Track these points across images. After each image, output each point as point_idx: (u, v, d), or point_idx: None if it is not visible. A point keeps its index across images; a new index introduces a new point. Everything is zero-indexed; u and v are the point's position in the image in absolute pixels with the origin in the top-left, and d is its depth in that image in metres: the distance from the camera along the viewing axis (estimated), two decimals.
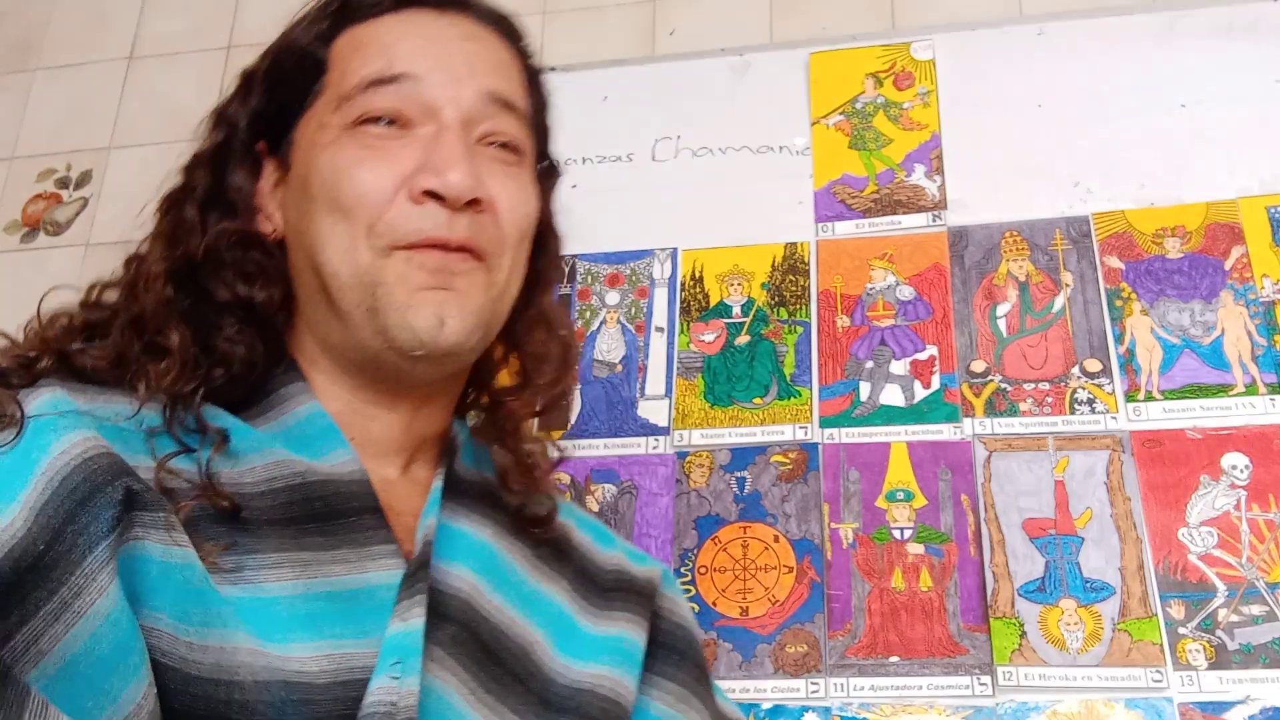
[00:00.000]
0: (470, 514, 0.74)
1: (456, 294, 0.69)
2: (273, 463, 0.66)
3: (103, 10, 2.04)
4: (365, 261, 0.68)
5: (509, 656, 0.69)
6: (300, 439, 0.68)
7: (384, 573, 0.65)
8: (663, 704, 0.78)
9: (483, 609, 0.69)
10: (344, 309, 0.69)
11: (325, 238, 0.69)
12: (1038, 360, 1.44)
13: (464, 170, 0.68)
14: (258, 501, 0.64)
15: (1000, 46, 1.64)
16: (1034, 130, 1.57)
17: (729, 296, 1.57)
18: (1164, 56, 1.57)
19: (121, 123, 1.92)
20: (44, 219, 1.88)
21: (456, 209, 0.68)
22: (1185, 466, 1.34)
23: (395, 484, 0.72)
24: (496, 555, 0.74)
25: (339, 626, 0.61)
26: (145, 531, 0.57)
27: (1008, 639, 1.29)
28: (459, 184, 0.68)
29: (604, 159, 1.70)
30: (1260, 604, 1.26)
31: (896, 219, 1.56)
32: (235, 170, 0.75)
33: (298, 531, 0.64)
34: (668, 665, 0.81)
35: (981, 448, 1.40)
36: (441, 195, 0.68)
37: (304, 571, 0.62)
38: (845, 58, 1.69)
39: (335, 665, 0.59)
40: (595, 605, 0.78)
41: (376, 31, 0.73)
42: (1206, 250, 1.46)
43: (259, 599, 0.60)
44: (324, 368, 0.72)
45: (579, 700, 0.71)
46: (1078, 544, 1.32)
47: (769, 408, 1.49)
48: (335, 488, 0.67)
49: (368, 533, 0.66)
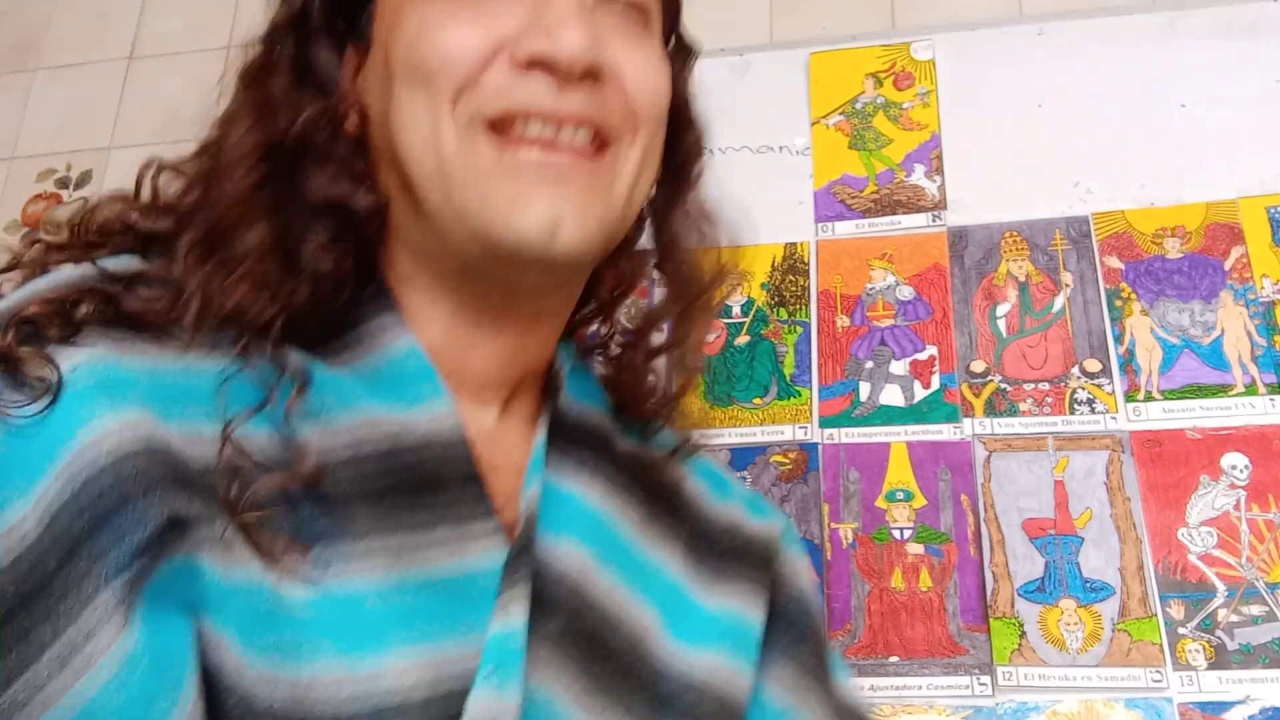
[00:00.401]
0: (579, 469, 0.64)
1: (573, 189, 0.56)
2: (360, 420, 0.55)
3: (103, 10, 2.04)
4: (452, 144, 0.55)
5: (620, 649, 0.60)
6: (391, 383, 0.56)
7: (484, 555, 0.56)
8: (778, 690, 0.69)
9: (591, 594, 0.60)
10: (431, 208, 0.57)
11: (405, 116, 0.56)
12: (1037, 360, 1.44)
13: (581, 30, 0.55)
14: (343, 471, 0.53)
15: (1000, 46, 1.64)
16: (1034, 130, 1.57)
17: (729, 296, 1.57)
18: (1164, 56, 1.57)
19: (121, 123, 1.92)
20: (44, 219, 1.88)
21: (571, 81, 0.55)
22: (1185, 467, 1.34)
23: (494, 434, 0.61)
24: (607, 520, 0.64)
25: (437, 625, 0.53)
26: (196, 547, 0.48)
27: (1007, 639, 1.29)
28: (575, 46, 0.54)
29: None
30: (1260, 604, 1.26)
31: (896, 219, 1.56)
32: (319, 44, 0.61)
33: (390, 508, 0.54)
34: (786, 643, 0.70)
35: (981, 448, 1.40)
36: (553, 62, 0.55)
37: (398, 560, 0.53)
38: (845, 58, 1.69)
39: (433, 675, 0.51)
40: (709, 572, 0.68)
41: None
42: (1206, 250, 1.46)
43: (345, 600, 0.51)
44: (421, 285, 0.60)
45: (689, 698, 0.62)
46: (1077, 544, 1.32)
47: (769, 408, 1.49)
48: (430, 451, 0.56)
49: (467, 505, 0.56)
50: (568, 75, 0.55)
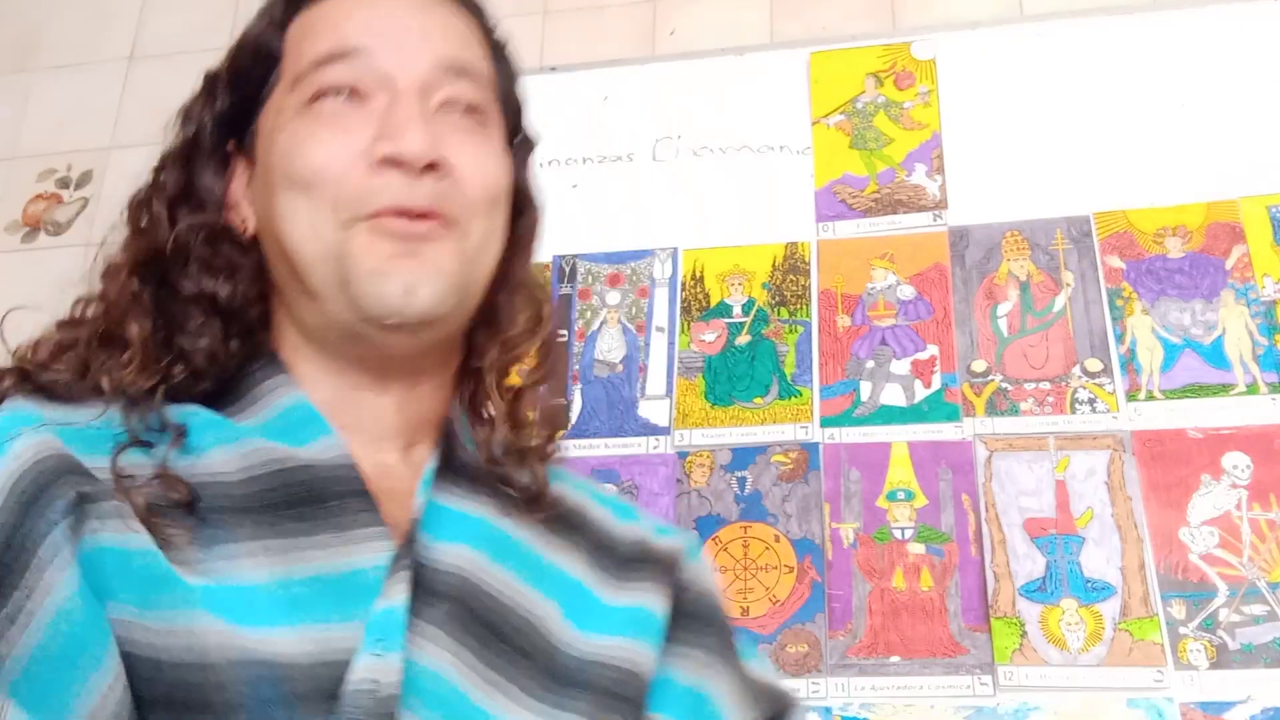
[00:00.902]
0: (471, 494, 0.72)
1: (425, 261, 0.67)
2: (249, 450, 0.66)
3: (103, 10, 2.04)
4: (330, 236, 0.67)
5: (512, 631, 0.67)
6: (281, 429, 0.68)
7: (370, 555, 0.63)
8: (686, 670, 0.76)
9: (483, 584, 0.68)
10: (314, 286, 0.68)
11: (289, 216, 0.69)
12: (1039, 360, 1.44)
13: (419, 132, 0.67)
14: (233, 490, 0.64)
15: (1001, 46, 1.64)
16: (1035, 130, 1.57)
17: (729, 296, 1.57)
18: (1164, 56, 1.57)
19: (121, 123, 1.92)
20: (44, 219, 1.88)
21: (416, 174, 0.67)
22: (1186, 466, 1.34)
23: (393, 468, 0.71)
24: (500, 530, 0.72)
25: (322, 610, 0.61)
26: (100, 523, 0.57)
27: (1009, 639, 1.29)
28: (415, 146, 0.67)
29: (604, 159, 1.70)
30: (1261, 604, 1.26)
31: (897, 219, 1.56)
32: (204, 169, 0.74)
33: (275, 519, 0.63)
34: (691, 633, 0.77)
35: (982, 447, 1.40)
36: (402, 160, 0.67)
37: (282, 559, 0.62)
38: (846, 57, 1.69)
39: (318, 647, 0.59)
40: (613, 576, 0.76)
41: (326, 11, 0.73)
42: (1207, 250, 1.46)
43: (230, 588, 0.59)
44: (308, 355, 0.71)
45: (590, 673, 0.69)
46: (1079, 544, 1.32)
47: (770, 407, 1.49)
48: (317, 473, 0.66)
49: (352, 516, 0.65)
50: (414, 167, 0.67)
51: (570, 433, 1.51)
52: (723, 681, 0.77)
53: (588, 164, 1.69)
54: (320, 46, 0.70)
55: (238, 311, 0.71)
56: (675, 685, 0.74)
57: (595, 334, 1.59)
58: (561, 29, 1.81)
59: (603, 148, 1.70)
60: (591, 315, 1.60)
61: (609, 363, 1.56)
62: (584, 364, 1.57)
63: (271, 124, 0.71)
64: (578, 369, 1.57)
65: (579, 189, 1.67)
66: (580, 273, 1.63)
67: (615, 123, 1.71)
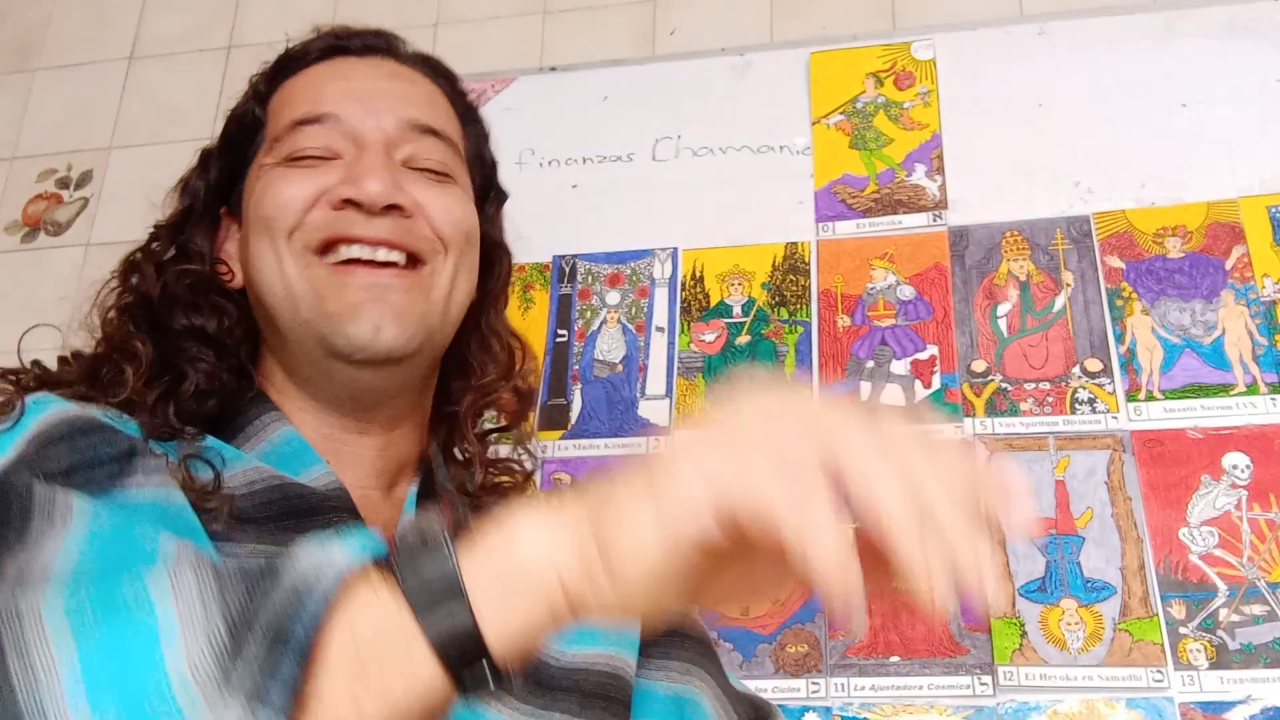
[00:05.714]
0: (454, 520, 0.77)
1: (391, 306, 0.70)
2: (251, 469, 0.69)
3: (103, 10, 2.04)
4: (292, 272, 0.71)
5: None
6: (279, 459, 0.71)
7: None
8: (667, 679, 0.79)
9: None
10: (285, 326, 0.72)
11: (256, 257, 0.73)
12: (1038, 360, 1.44)
13: (381, 178, 0.71)
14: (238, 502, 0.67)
15: (1000, 46, 1.64)
16: (1034, 130, 1.57)
17: (729, 296, 1.57)
18: (1164, 56, 1.57)
19: (121, 123, 1.92)
20: (44, 219, 1.88)
21: (375, 213, 0.71)
22: (1186, 466, 1.34)
23: (377, 501, 0.75)
24: None
25: None
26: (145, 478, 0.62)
27: (1008, 639, 1.29)
28: (375, 190, 0.70)
29: (604, 159, 1.70)
30: (1261, 604, 1.26)
31: (897, 219, 1.56)
32: (195, 231, 0.79)
33: (275, 527, 0.67)
34: (670, 646, 0.81)
35: (982, 447, 1.40)
36: (359, 202, 0.70)
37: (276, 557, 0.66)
38: (846, 57, 1.69)
39: None
40: None
41: (304, 81, 0.78)
42: (1207, 250, 1.46)
43: None
44: (292, 396, 0.75)
45: (576, 677, 0.72)
46: (1078, 544, 1.32)
47: None
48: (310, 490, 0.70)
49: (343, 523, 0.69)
50: (371, 209, 0.71)
51: (570, 433, 1.51)
52: (705, 686, 0.80)
53: (587, 164, 1.69)
54: (297, 111, 0.76)
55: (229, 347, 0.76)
56: (657, 695, 0.78)
57: (595, 334, 1.59)
58: (561, 29, 1.81)
59: (603, 148, 1.70)
60: (591, 315, 1.60)
61: (609, 363, 1.56)
62: (584, 364, 1.57)
63: (253, 180, 0.77)
64: (577, 369, 1.57)
65: (579, 189, 1.67)
66: (580, 272, 1.63)
67: (615, 123, 1.71)
